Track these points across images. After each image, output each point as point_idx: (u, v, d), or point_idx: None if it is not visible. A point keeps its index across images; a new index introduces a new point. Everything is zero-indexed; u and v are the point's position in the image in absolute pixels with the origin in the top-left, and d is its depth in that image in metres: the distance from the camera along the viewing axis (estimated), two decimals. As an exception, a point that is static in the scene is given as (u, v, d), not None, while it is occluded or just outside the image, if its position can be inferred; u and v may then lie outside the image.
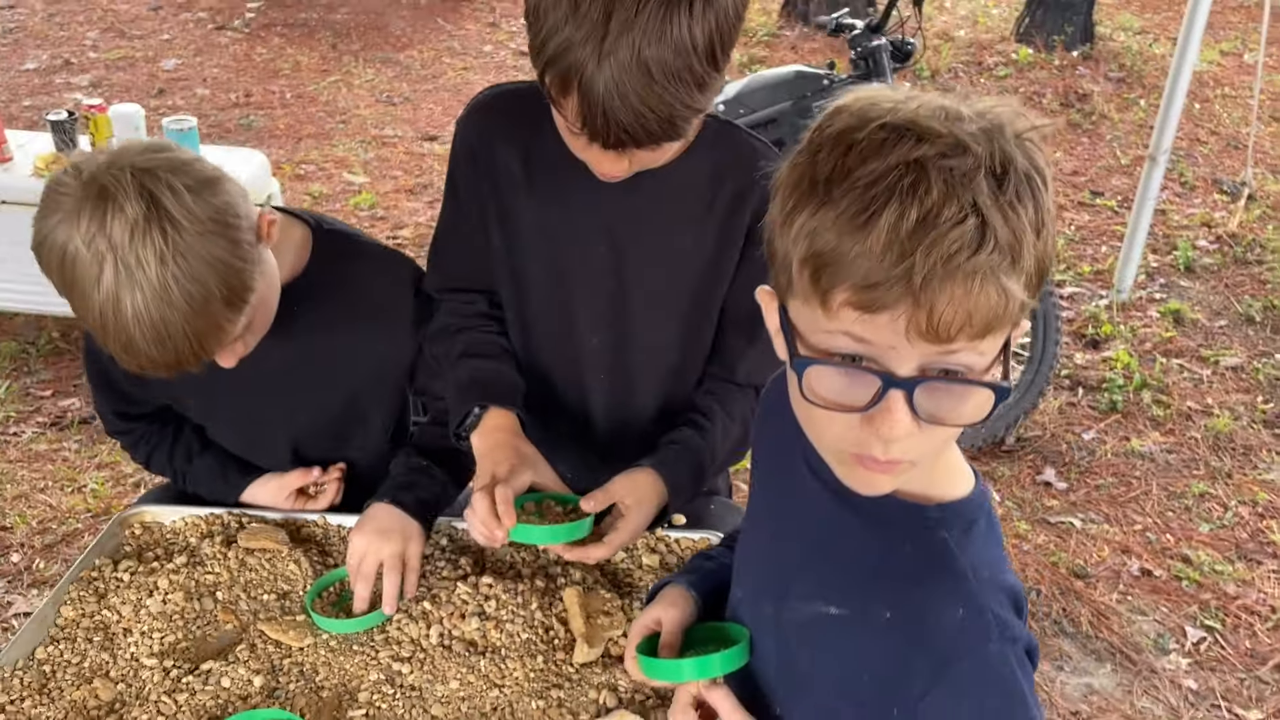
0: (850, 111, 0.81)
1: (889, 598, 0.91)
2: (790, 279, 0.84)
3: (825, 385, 0.84)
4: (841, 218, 0.78)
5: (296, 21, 7.00)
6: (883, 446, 0.83)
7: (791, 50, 6.36)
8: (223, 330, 1.24)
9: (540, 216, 1.43)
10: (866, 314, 0.78)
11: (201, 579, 1.38)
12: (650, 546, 1.46)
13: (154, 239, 1.15)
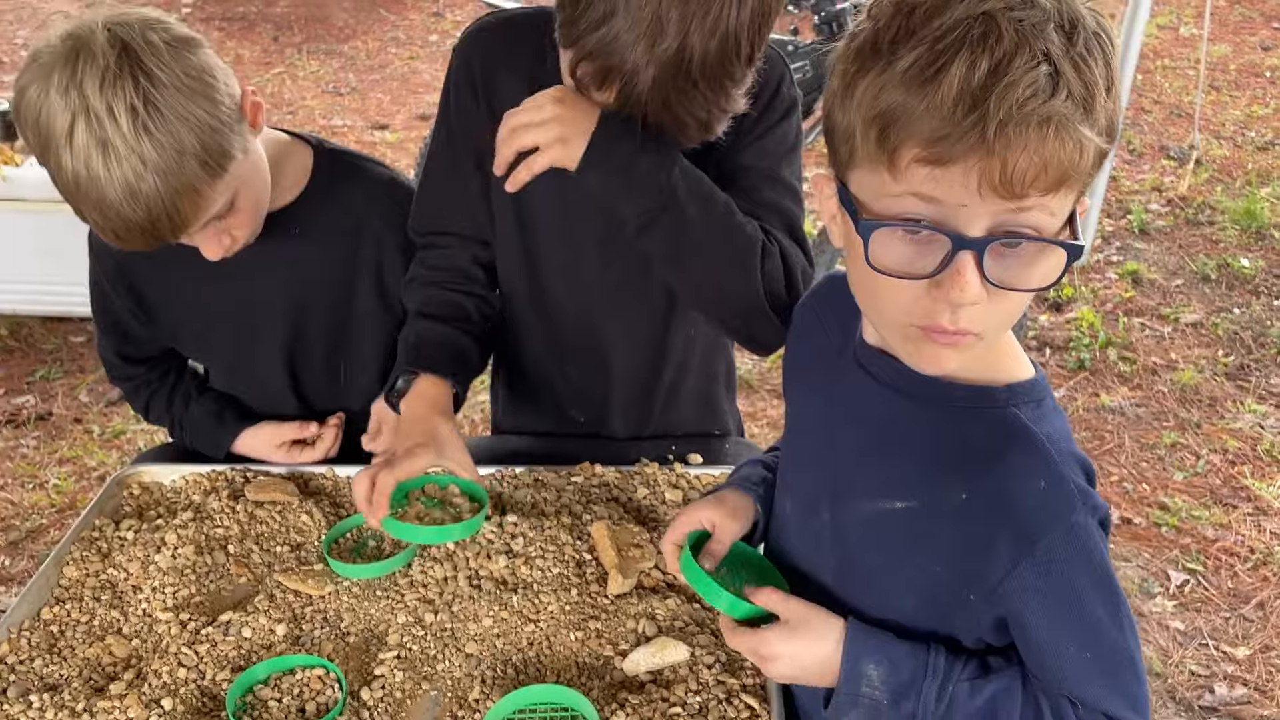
0: None
1: (964, 480, 0.89)
2: (853, 148, 0.82)
3: (892, 253, 0.82)
4: (909, 73, 0.76)
5: (235, 15, 6.86)
6: (951, 314, 0.81)
7: (741, 32, 6.36)
8: (199, 195, 1.20)
9: None
10: (938, 168, 0.77)
11: (211, 533, 1.33)
12: (672, 484, 1.43)
13: (126, 89, 1.11)
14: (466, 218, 1.44)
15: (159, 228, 1.18)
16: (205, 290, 1.46)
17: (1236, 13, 7.10)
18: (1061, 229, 0.81)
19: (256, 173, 1.31)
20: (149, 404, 1.59)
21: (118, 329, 1.53)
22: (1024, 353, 0.96)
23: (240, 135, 1.24)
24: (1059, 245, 0.80)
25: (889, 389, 0.95)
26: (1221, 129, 5.40)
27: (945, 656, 0.93)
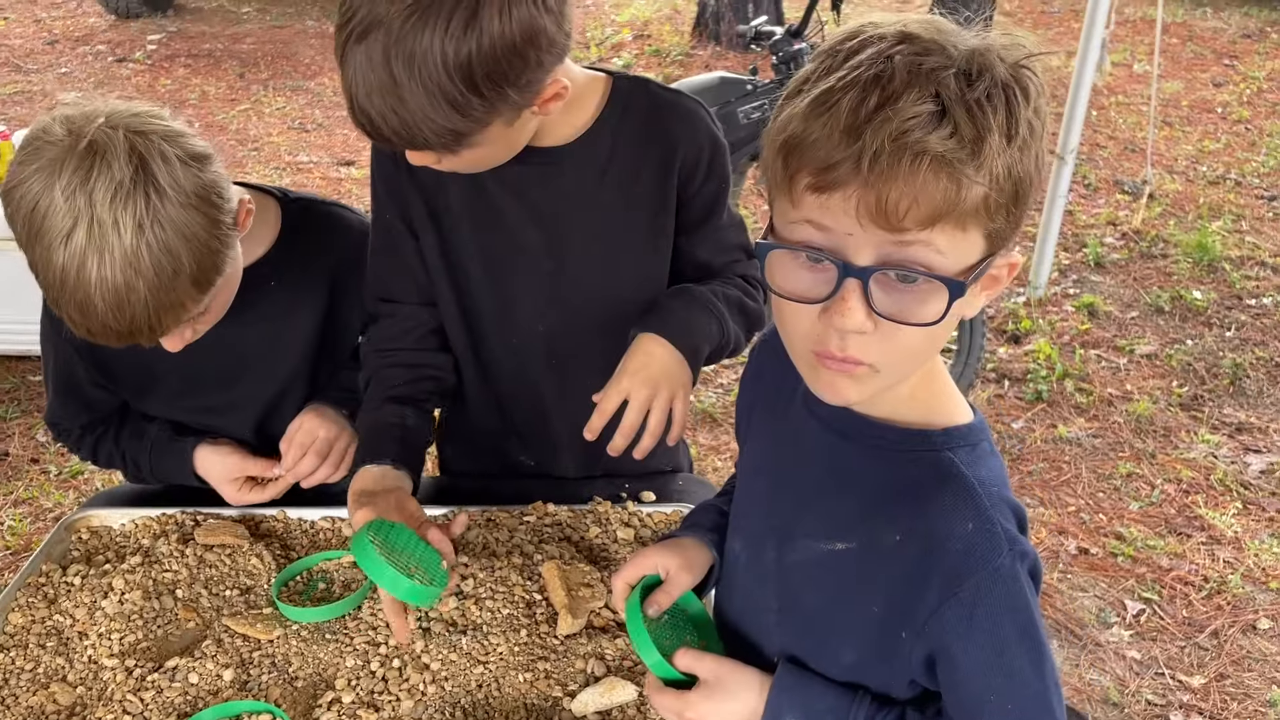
0: (847, 28, 0.84)
1: (897, 522, 0.91)
2: (769, 176, 0.86)
3: (791, 278, 0.85)
4: (812, 106, 0.80)
5: (201, 52, 6.87)
6: (839, 340, 0.84)
7: (705, 68, 6.45)
8: (183, 308, 1.19)
9: (468, 207, 1.40)
10: (822, 195, 0.80)
11: (159, 577, 1.32)
12: (624, 522, 1.44)
13: (136, 203, 1.11)
14: (409, 282, 1.46)
15: (136, 335, 1.18)
16: (180, 355, 1.40)
17: (1189, 50, 7.28)
18: (963, 273, 0.82)
19: (235, 274, 1.30)
20: (96, 448, 1.55)
21: (77, 396, 1.51)
22: (962, 398, 0.98)
23: (233, 248, 1.24)
24: (942, 281, 0.81)
25: (832, 431, 0.97)
26: (1174, 164, 5.52)
27: (868, 708, 0.94)
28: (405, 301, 1.47)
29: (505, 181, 1.36)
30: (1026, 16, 7.94)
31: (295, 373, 1.51)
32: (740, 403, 1.18)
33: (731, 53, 6.59)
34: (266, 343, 1.46)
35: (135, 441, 1.52)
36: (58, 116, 1.15)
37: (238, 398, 1.50)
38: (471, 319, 1.48)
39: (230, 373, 1.47)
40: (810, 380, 0.90)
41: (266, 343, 1.46)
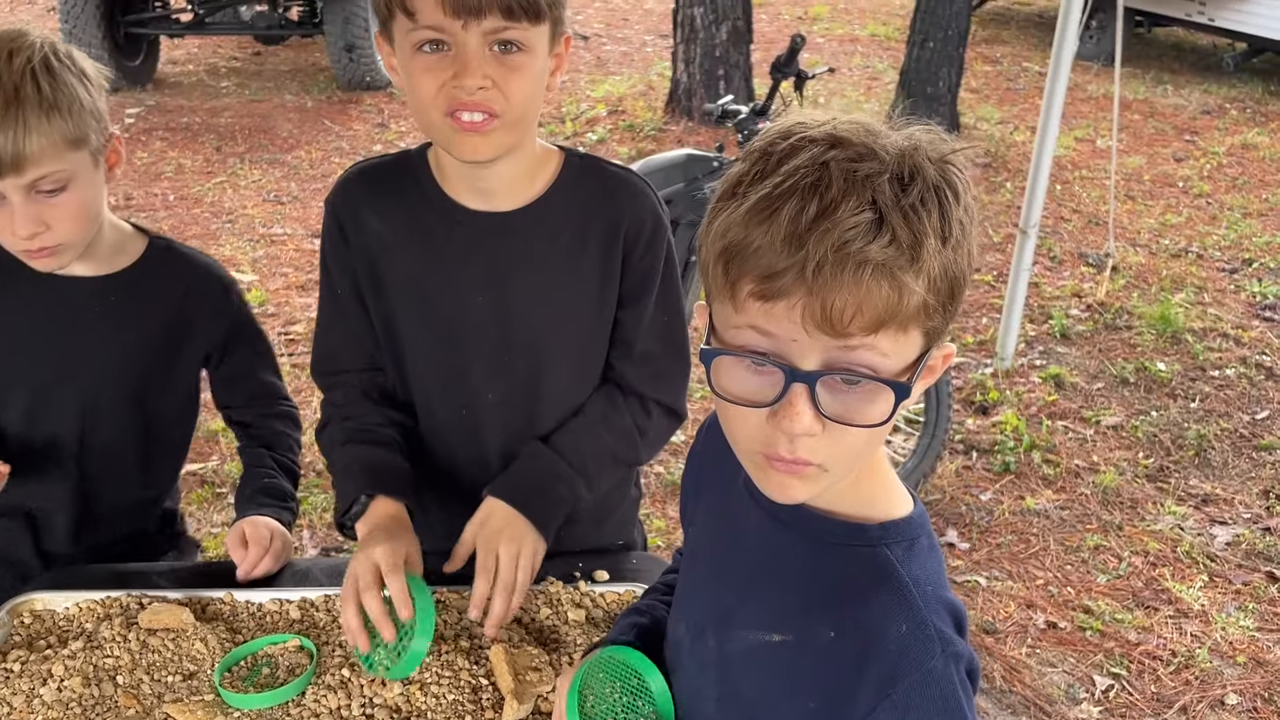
0: (778, 128, 0.86)
1: (832, 618, 0.91)
2: (709, 280, 0.87)
3: (736, 382, 0.86)
4: (750, 212, 0.81)
5: (179, 125, 6.94)
6: (788, 443, 0.84)
7: (677, 143, 6.57)
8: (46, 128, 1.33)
9: (414, 274, 1.44)
10: (767, 303, 0.81)
11: (100, 663, 1.30)
12: (575, 602, 1.43)
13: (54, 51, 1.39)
14: (358, 351, 1.52)
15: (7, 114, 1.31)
16: (16, 345, 1.53)
17: (1150, 126, 7.48)
18: (904, 370, 0.84)
19: (91, 193, 1.43)
20: None
21: None
22: (902, 488, 0.98)
23: (97, 134, 1.41)
24: (887, 384, 0.83)
25: (772, 519, 0.97)
26: (1137, 236, 5.64)
27: None
28: (354, 370, 1.53)
29: (455, 242, 1.41)
30: (992, 93, 8.15)
31: (119, 388, 1.57)
32: (686, 482, 1.19)
33: (703, 128, 6.71)
34: (96, 349, 1.54)
35: None
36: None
37: (59, 399, 1.55)
38: (420, 387, 1.50)
39: (59, 371, 1.53)
40: (759, 480, 0.90)
41: (96, 349, 1.54)
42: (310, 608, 1.43)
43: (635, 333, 1.48)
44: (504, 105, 1.26)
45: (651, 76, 8.16)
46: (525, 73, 1.27)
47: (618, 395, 1.50)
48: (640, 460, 1.56)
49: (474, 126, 1.27)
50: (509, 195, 1.41)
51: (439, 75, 1.25)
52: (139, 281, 1.55)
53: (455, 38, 1.23)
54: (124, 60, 7.44)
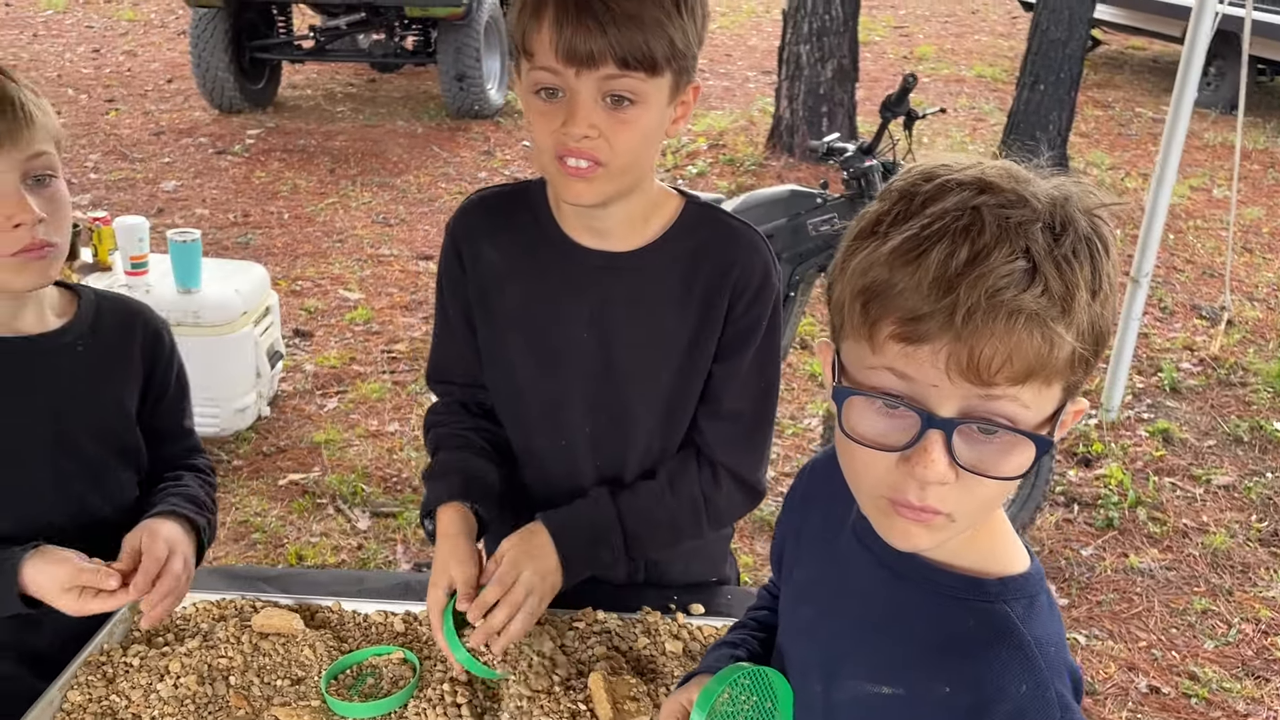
0: (920, 169, 0.85)
1: (948, 673, 0.89)
2: (843, 319, 0.86)
3: (866, 423, 0.84)
4: (895, 253, 0.80)
5: (295, 147, 7.19)
6: (918, 490, 0.83)
7: (777, 179, 6.57)
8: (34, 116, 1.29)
9: (524, 304, 1.47)
10: (909, 346, 0.80)
11: (214, 663, 1.34)
12: (673, 634, 1.43)
13: None
14: (463, 367, 1.56)
15: None
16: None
17: (1270, 176, 7.22)
18: (1042, 424, 0.83)
19: (66, 197, 1.36)
20: None
21: None
22: (1020, 543, 0.96)
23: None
24: (1029, 438, 0.81)
25: (884, 568, 0.95)
26: (1254, 291, 5.43)
27: None
28: (459, 383, 1.59)
29: (565, 277, 1.43)
30: (1103, 138, 7.96)
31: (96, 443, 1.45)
32: (782, 527, 1.18)
33: (804, 165, 6.70)
34: (88, 405, 1.43)
35: None
36: None
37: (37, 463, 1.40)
38: (521, 416, 1.53)
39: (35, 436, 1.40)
40: (882, 526, 0.89)
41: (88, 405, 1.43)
42: (414, 621, 1.46)
43: (725, 389, 1.47)
44: (609, 155, 1.28)
45: (753, 112, 8.19)
46: (634, 126, 1.28)
47: (692, 462, 1.49)
48: (703, 535, 1.53)
49: (578, 172, 1.29)
50: (623, 236, 1.42)
51: (551, 121, 1.28)
52: (93, 329, 1.45)
53: (568, 85, 1.26)
54: (248, 83, 7.77)
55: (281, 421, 4.03)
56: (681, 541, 1.52)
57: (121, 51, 9.70)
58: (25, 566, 1.27)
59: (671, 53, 1.27)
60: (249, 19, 7.65)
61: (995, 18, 13.45)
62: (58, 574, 1.27)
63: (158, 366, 1.52)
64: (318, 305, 4.98)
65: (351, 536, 3.41)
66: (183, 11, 10.63)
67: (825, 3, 6.48)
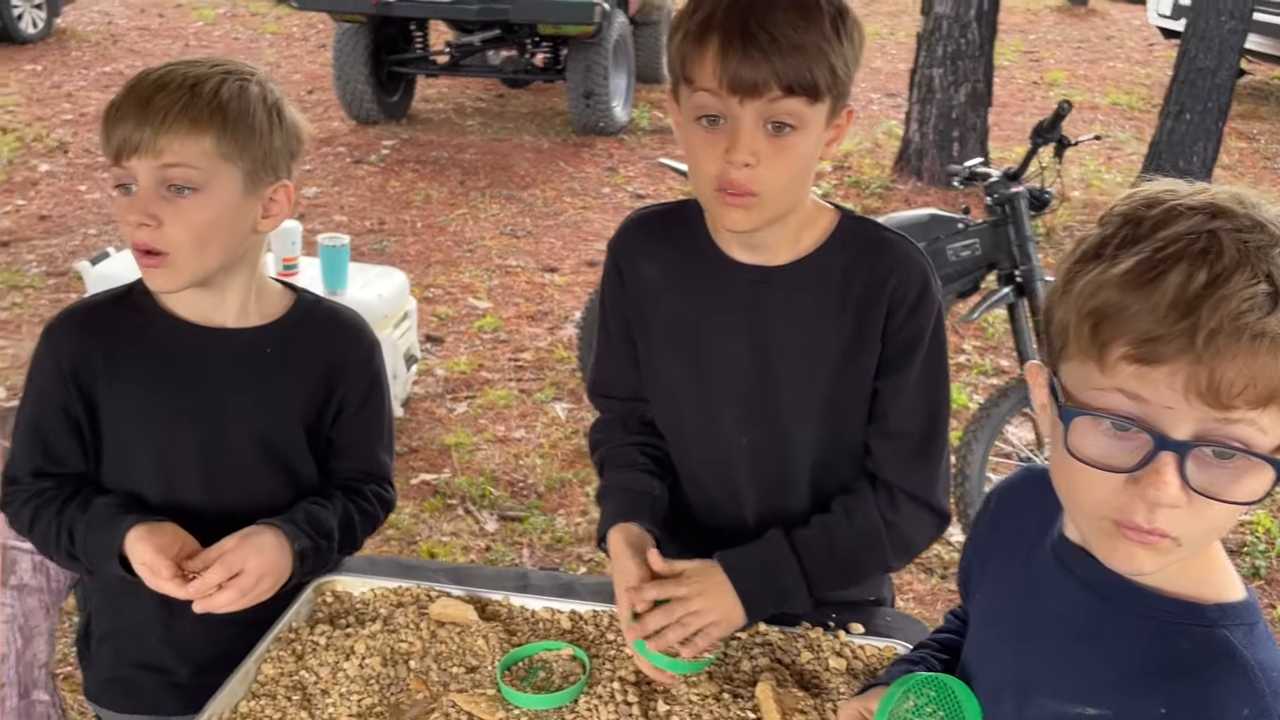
0: (1144, 194, 0.86)
1: (1162, 694, 0.88)
2: (1066, 341, 0.86)
3: (1092, 443, 0.84)
4: (1127, 276, 0.81)
5: (428, 159, 7.42)
6: (1147, 512, 0.82)
7: (904, 203, 6.50)
8: (204, 125, 1.31)
9: (679, 318, 1.50)
10: (1145, 367, 0.80)
11: (396, 646, 1.40)
12: (836, 651, 1.44)
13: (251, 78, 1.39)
14: (625, 382, 1.60)
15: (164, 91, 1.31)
16: (158, 394, 1.43)
17: None
18: (1277, 449, 0.82)
19: (222, 215, 1.34)
20: (36, 515, 1.41)
21: (43, 444, 1.44)
22: (1234, 572, 0.95)
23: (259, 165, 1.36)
24: (1268, 462, 0.81)
25: (1088, 590, 0.95)
26: None
27: None
28: (619, 398, 1.61)
29: (722, 292, 1.46)
30: (1247, 171, 7.66)
31: (271, 445, 1.48)
32: (970, 549, 1.18)
33: (932, 189, 6.62)
34: (255, 408, 1.46)
35: (78, 512, 1.39)
36: None
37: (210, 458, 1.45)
38: (676, 424, 1.56)
39: (209, 430, 1.44)
40: (1102, 547, 0.89)
41: (255, 408, 1.46)
42: (580, 620, 1.50)
43: (892, 406, 1.46)
44: (765, 185, 1.30)
45: (878, 134, 8.12)
46: (793, 153, 1.30)
47: (866, 489, 1.49)
48: (890, 564, 1.52)
49: (737, 201, 1.31)
50: (776, 250, 1.44)
51: (712, 148, 1.30)
52: (290, 334, 1.49)
53: (731, 112, 1.28)
54: (384, 96, 8.04)
55: (414, 423, 4.16)
56: (869, 574, 1.52)
57: (266, 62, 10.14)
58: (131, 533, 1.34)
59: (833, 80, 1.29)
60: (389, 34, 7.93)
61: (1131, 44, 13.06)
62: (139, 551, 1.32)
63: (343, 382, 1.51)
64: (448, 312, 5.12)
65: (480, 538, 3.49)
66: (322, 26, 11.08)
67: (961, 27, 6.40)
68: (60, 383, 1.41)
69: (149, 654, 1.51)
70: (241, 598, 1.33)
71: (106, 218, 6.02)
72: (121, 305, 1.46)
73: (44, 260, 5.52)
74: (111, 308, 1.46)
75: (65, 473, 1.44)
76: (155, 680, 1.53)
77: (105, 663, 1.56)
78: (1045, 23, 14.56)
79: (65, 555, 1.41)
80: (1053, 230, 6.10)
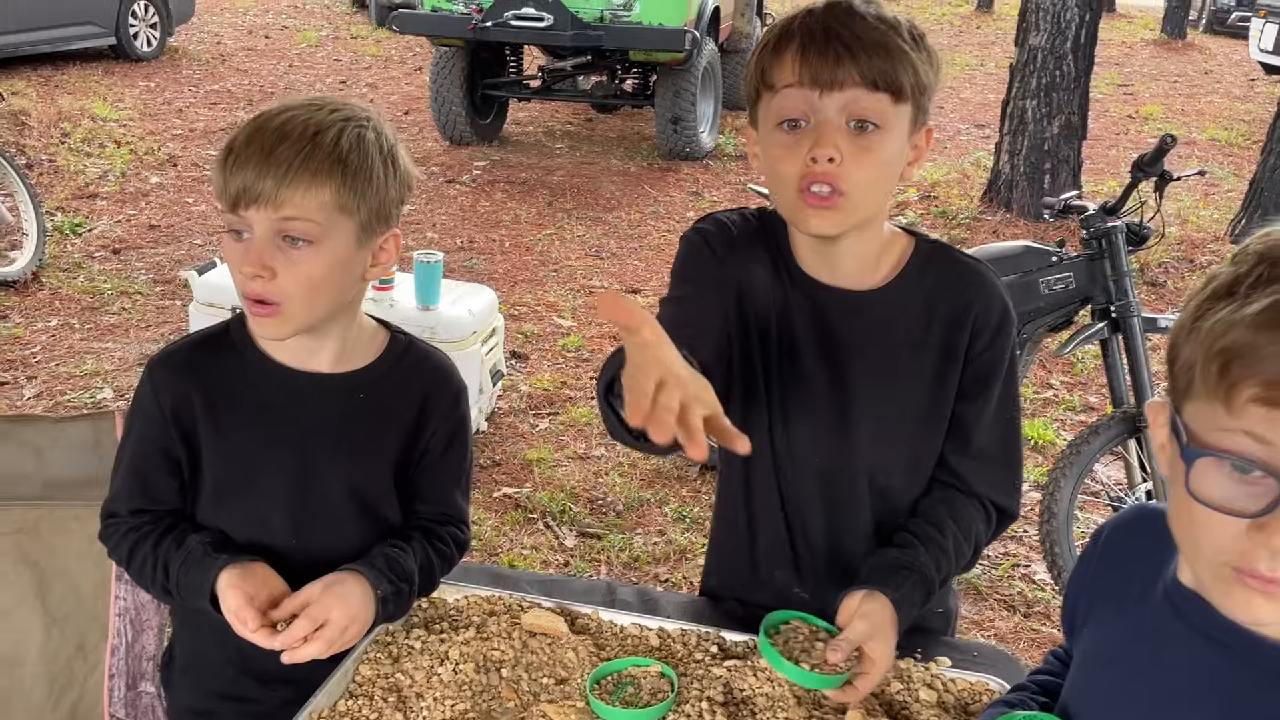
0: (1277, 235, 0.85)
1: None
2: (1191, 380, 0.85)
3: (1215, 485, 0.83)
4: (1260, 316, 0.80)
5: (517, 180, 7.56)
6: (1270, 560, 0.81)
7: (992, 234, 6.42)
8: (323, 177, 1.30)
9: (767, 336, 1.48)
10: (1276, 410, 0.79)
11: (489, 654, 1.43)
12: (926, 683, 1.43)
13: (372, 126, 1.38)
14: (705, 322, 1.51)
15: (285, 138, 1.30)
16: (253, 438, 1.45)
17: None
18: None
19: (336, 266, 1.34)
20: (134, 549, 1.44)
21: (144, 481, 1.46)
22: None
23: (373, 216, 1.36)
24: None
25: (1202, 635, 0.94)
26: None
27: None
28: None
29: (806, 314, 1.46)
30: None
31: (361, 492, 1.49)
32: (1076, 586, 1.17)
33: (1021, 220, 6.52)
34: (347, 458, 1.47)
35: (173, 548, 1.42)
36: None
37: (297, 504, 1.47)
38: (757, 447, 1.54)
39: (300, 473, 1.46)
40: (1218, 593, 0.87)
41: (347, 458, 1.47)
42: (667, 638, 1.51)
43: (974, 429, 1.47)
44: (850, 184, 1.30)
45: (965, 165, 8.03)
46: (876, 154, 1.30)
47: (959, 497, 1.49)
48: (973, 563, 1.53)
49: (820, 201, 1.31)
50: (858, 275, 1.45)
51: (795, 151, 1.30)
52: (382, 379, 1.48)
53: (814, 108, 1.29)
54: (477, 118, 8.23)
55: (498, 437, 4.23)
56: (955, 574, 1.53)
57: (365, 84, 10.46)
58: (223, 575, 1.35)
59: (915, 82, 1.30)
60: (484, 58, 8.13)
61: (1230, 79, 12.74)
62: (229, 599, 1.34)
63: (429, 426, 1.51)
64: (533, 330, 5.20)
65: (559, 553, 3.53)
66: (420, 49, 11.38)
67: (1057, 59, 6.32)
68: (161, 424, 1.43)
69: (229, 685, 1.54)
70: (328, 648, 1.34)
71: (213, 229, 6.26)
72: (220, 346, 1.47)
73: (152, 268, 5.76)
74: (211, 349, 1.47)
75: (162, 509, 1.47)
76: (236, 709, 1.55)
77: (185, 691, 1.60)
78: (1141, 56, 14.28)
79: (160, 590, 1.44)
80: (1146, 266, 5.97)
